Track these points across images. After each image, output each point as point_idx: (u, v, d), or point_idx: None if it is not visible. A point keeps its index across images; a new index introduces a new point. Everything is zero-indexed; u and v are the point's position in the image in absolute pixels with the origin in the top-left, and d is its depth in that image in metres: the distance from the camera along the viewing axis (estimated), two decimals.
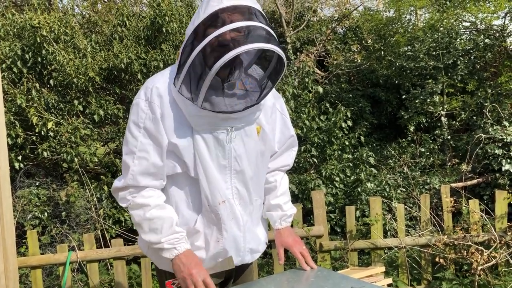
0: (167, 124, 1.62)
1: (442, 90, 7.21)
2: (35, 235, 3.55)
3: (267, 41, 1.47)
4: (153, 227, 1.65)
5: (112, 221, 4.67)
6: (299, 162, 5.59)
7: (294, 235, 1.99)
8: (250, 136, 1.72)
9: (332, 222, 5.13)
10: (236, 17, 1.49)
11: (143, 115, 1.62)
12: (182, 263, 1.64)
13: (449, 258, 3.70)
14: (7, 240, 2.72)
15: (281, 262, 1.95)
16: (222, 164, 1.69)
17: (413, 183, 5.56)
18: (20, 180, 4.82)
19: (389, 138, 8.07)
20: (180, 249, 1.66)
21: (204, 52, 1.50)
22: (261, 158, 1.80)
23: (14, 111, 4.85)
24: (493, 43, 7.47)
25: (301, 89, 5.89)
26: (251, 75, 1.65)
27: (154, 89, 1.63)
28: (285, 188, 1.99)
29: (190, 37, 1.55)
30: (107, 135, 5.48)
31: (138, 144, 1.64)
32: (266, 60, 1.62)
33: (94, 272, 3.60)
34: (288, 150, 1.97)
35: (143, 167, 1.64)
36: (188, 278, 1.62)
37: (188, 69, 1.52)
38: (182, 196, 1.72)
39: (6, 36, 5.33)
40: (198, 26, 1.53)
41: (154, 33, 5.63)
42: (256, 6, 1.56)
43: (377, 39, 9.41)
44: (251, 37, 1.46)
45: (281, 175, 1.98)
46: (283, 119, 1.90)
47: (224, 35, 1.46)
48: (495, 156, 5.32)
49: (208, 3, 1.53)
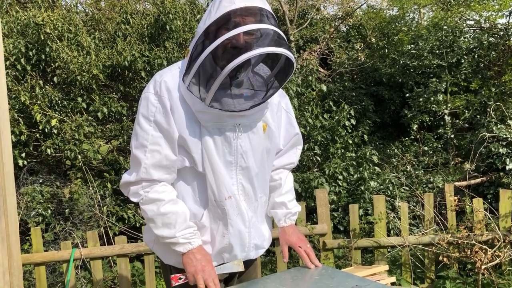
0: (176, 118, 1.62)
1: (446, 88, 7.19)
2: (39, 232, 3.56)
3: (279, 44, 1.49)
4: (166, 222, 1.66)
5: (116, 218, 4.68)
6: (302, 161, 5.58)
7: (298, 233, 1.98)
8: (256, 133, 1.73)
9: (335, 221, 5.13)
10: (248, 19, 1.50)
11: (153, 109, 1.63)
12: (196, 258, 1.66)
13: (453, 257, 3.69)
14: (11, 237, 2.72)
15: (285, 260, 1.95)
16: (228, 160, 1.70)
17: (417, 181, 5.55)
18: (23, 177, 4.83)
19: (392, 137, 8.06)
20: (194, 244, 1.68)
21: (216, 53, 1.51)
22: (266, 155, 1.81)
23: (18, 108, 4.86)
24: (497, 42, 7.43)
25: (304, 87, 5.88)
26: (258, 74, 1.66)
27: (163, 82, 1.63)
28: (289, 186, 1.98)
29: (201, 37, 1.55)
30: (110, 132, 5.48)
31: (149, 137, 1.63)
32: (275, 61, 1.63)
33: (97, 269, 3.61)
34: (293, 148, 1.98)
35: (156, 159, 1.64)
36: (199, 273, 1.64)
37: (198, 67, 1.52)
38: (189, 191, 1.73)
39: (10, 33, 5.34)
40: (209, 26, 1.53)
41: (157, 31, 5.63)
42: (267, 7, 1.57)
43: (381, 37, 9.39)
44: (263, 40, 1.47)
45: (285, 173, 1.98)
46: (288, 117, 1.90)
47: (237, 37, 1.48)
48: (499, 155, 5.30)
49: (220, 3, 1.53)
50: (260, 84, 1.65)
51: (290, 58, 1.54)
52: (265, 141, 1.79)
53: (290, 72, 1.61)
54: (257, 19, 1.51)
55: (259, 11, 1.53)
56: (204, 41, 1.53)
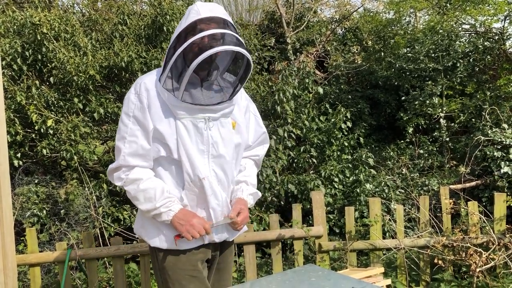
0: (153, 112, 1.90)
1: (441, 92, 7.23)
2: (34, 232, 3.54)
3: (237, 46, 1.81)
4: (147, 196, 1.91)
5: (111, 219, 4.67)
6: (298, 163, 5.59)
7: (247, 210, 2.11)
8: (225, 127, 2.01)
9: (331, 223, 5.14)
10: (212, 26, 1.83)
11: (132, 106, 1.92)
12: (181, 219, 1.91)
13: (448, 259, 3.71)
14: (6, 238, 2.71)
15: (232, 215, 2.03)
16: (200, 149, 1.96)
17: (412, 184, 5.57)
18: (19, 178, 4.81)
19: (387, 140, 8.08)
20: (175, 209, 1.92)
21: (185, 54, 1.84)
22: (237, 149, 2.08)
23: (14, 108, 4.84)
24: (492, 46, 7.48)
25: (301, 89, 5.90)
26: (225, 78, 2.01)
27: (142, 84, 1.93)
28: (252, 173, 2.22)
29: (173, 42, 1.88)
30: (106, 133, 5.47)
31: (128, 130, 1.92)
32: (237, 65, 1.98)
33: (92, 270, 3.59)
34: (261, 145, 2.28)
35: (133, 149, 1.92)
36: (190, 228, 1.89)
37: (171, 67, 1.84)
38: (168, 175, 1.97)
39: (6, 33, 5.32)
40: (180, 32, 1.86)
41: (155, 32, 5.63)
42: (228, 18, 1.90)
43: (377, 40, 9.42)
44: (224, 42, 1.80)
45: (250, 162, 2.25)
46: (256, 119, 2.23)
47: (202, 40, 1.79)
48: (494, 159, 5.33)
49: (189, 14, 1.87)
50: (227, 85, 1.99)
51: (248, 59, 1.88)
52: (235, 136, 2.06)
53: (249, 71, 1.94)
54: (220, 26, 1.83)
55: (222, 20, 1.86)
56: (176, 45, 1.86)
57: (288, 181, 5.17)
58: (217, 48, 1.76)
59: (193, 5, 1.92)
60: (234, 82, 1.99)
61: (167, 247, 1.98)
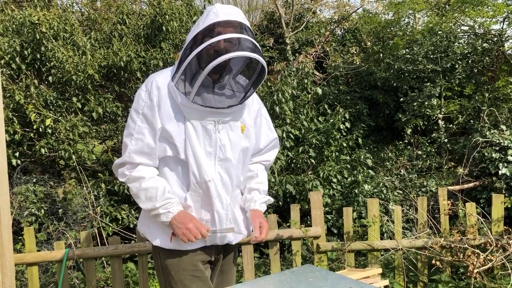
0: (163, 111, 1.88)
1: (440, 93, 7.24)
2: (32, 232, 3.53)
3: (253, 52, 1.79)
4: (148, 196, 1.91)
5: (109, 219, 4.66)
6: (296, 163, 5.60)
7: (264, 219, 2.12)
8: (234, 131, 2.00)
9: (329, 223, 5.14)
10: (229, 30, 1.81)
11: (142, 103, 1.91)
12: (179, 222, 1.90)
13: (446, 260, 3.71)
14: (4, 237, 2.71)
15: (256, 235, 2.04)
16: (208, 151, 1.94)
17: (410, 185, 5.58)
18: (17, 177, 4.80)
19: (386, 141, 8.09)
20: (173, 211, 1.91)
21: (200, 56, 1.81)
22: (244, 153, 2.06)
23: (12, 108, 4.84)
24: (491, 48, 7.50)
25: (300, 90, 5.90)
26: (238, 82, 2.00)
27: (154, 82, 1.91)
28: (264, 180, 2.21)
29: (190, 43, 1.85)
30: (105, 133, 5.47)
31: (136, 127, 1.91)
32: (251, 69, 1.96)
33: (90, 269, 3.59)
34: (271, 150, 2.27)
35: (139, 146, 1.91)
36: (187, 232, 1.88)
37: (185, 68, 1.83)
38: (173, 176, 1.96)
39: (5, 32, 5.31)
40: (197, 34, 1.84)
41: (154, 32, 5.63)
42: (246, 22, 1.88)
43: (376, 41, 9.44)
44: (240, 47, 1.78)
45: (262, 167, 2.24)
46: (268, 124, 2.22)
47: (218, 43, 1.77)
48: (492, 160, 5.33)
49: (207, 16, 1.85)
50: (239, 89, 1.97)
51: (263, 65, 1.85)
52: (244, 140, 2.04)
53: (263, 78, 1.92)
54: (237, 31, 1.81)
55: (239, 24, 1.84)
56: (192, 47, 1.83)
57: (286, 181, 5.17)
58: (232, 53, 1.74)
59: (212, 6, 1.90)
60: (246, 86, 1.97)
61: (170, 247, 1.98)
